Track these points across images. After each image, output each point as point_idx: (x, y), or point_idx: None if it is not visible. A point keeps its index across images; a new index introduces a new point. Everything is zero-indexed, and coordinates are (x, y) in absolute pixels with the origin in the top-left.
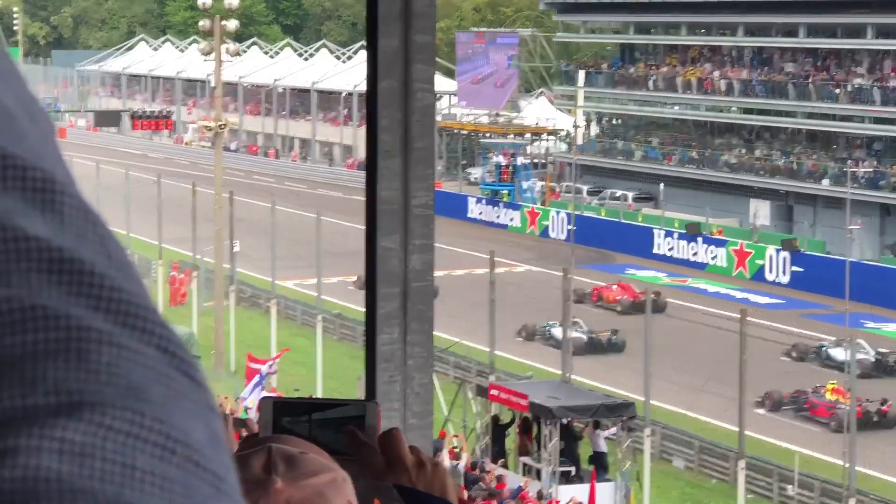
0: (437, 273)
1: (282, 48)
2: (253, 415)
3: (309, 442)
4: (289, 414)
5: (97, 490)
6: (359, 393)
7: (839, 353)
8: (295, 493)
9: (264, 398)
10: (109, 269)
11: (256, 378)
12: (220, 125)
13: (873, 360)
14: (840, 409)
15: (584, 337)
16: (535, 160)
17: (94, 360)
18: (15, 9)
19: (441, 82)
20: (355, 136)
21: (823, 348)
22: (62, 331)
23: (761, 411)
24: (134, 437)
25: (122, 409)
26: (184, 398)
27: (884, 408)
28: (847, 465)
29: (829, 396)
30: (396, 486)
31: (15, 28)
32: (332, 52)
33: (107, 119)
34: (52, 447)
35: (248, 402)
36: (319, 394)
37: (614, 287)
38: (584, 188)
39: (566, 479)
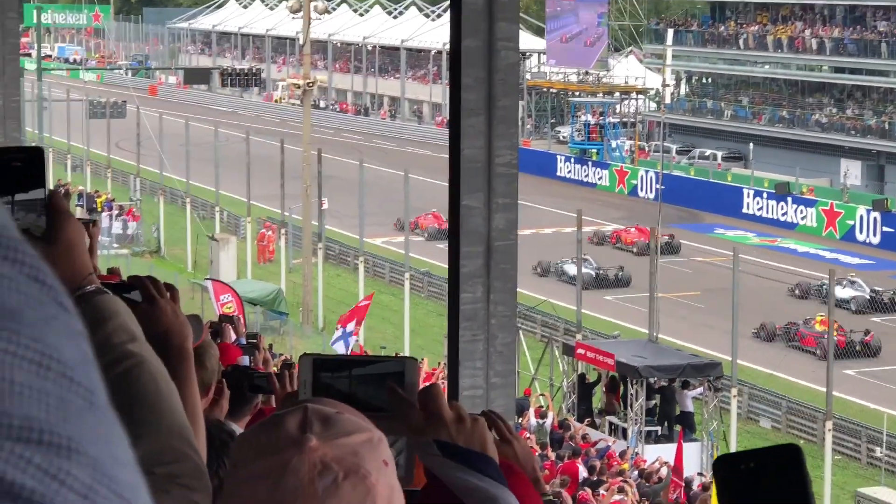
0: (525, 231)
1: (371, 6)
2: None
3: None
4: (329, 370)
5: None
6: (444, 352)
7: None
8: (329, 452)
9: (304, 355)
10: None
11: (339, 332)
12: (308, 83)
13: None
14: None
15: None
16: (624, 119)
17: None
18: None
19: (530, 41)
20: (444, 94)
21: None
22: None
23: (850, 372)
24: (11, 354)
25: (0, 329)
26: (55, 321)
27: None
28: None
29: None
30: (436, 441)
31: None
32: (421, 9)
33: (196, 76)
34: None
35: None
36: (407, 352)
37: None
38: (673, 147)
39: (652, 438)
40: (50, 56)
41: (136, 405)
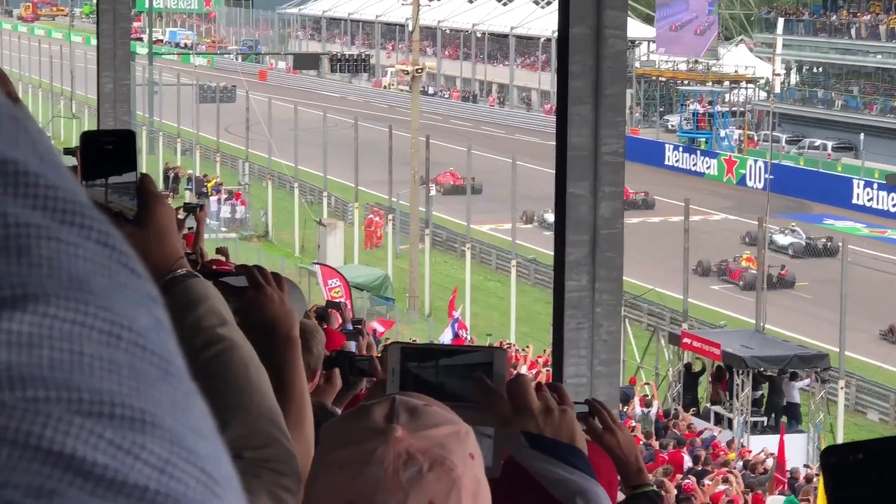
0: (632, 220)
1: None
2: None
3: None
4: (416, 360)
5: (47, 377)
6: (550, 339)
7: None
8: (415, 443)
9: (392, 343)
10: (43, 169)
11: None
12: (417, 69)
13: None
14: None
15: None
16: (734, 108)
17: (35, 255)
18: None
19: (640, 28)
20: (553, 81)
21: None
22: (1, 228)
23: None
24: (80, 324)
25: (67, 299)
26: (125, 287)
27: None
28: None
29: None
30: (524, 432)
31: None
32: None
33: (306, 62)
34: None
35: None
36: (513, 339)
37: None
38: (783, 137)
39: (758, 429)
40: (161, 41)
41: (226, 389)
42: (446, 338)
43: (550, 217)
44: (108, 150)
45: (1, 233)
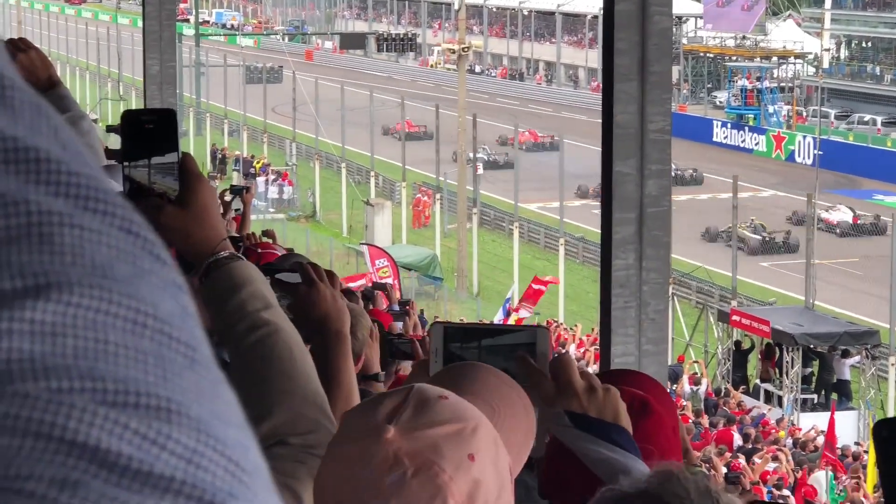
0: (680, 197)
1: None
2: None
3: (482, 373)
4: (459, 340)
5: (71, 366)
6: (598, 318)
7: None
8: (405, 445)
9: (435, 323)
10: (66, 156)
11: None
12: (463, 48)
13: None
14: None
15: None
16: (782, 84)
17: (58, 243)
18: None
19: (687, 5)
20: (600, 59)
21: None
22: (23, 216)
23: None
24: (104, 312)
25: (90, 287)
26: (150, 274)
27: None
28: None
29: None
30: (567, 411)
31: None
32: None
33: (352, 41)
34: (22, 329)
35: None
36: (561, 318)
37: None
38: (832, 112)
39: (808, 406)
40: (207, 22)
41: (270, 373)
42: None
43: None
44: (150, 130)
45: (23, 220)
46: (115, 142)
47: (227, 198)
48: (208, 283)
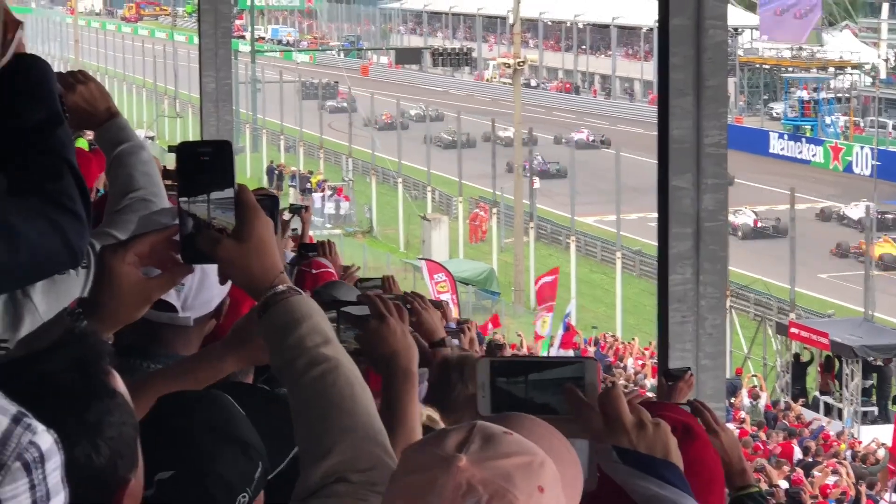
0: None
1: None
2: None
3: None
4: (505, 374)
5: None
6: (656, 331)
7: None
8: (477, 473)
9: (480, 358)
10: None
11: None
12: (519, 62)
13: None
14: None
15: None
16: (839, 94)
17: None
18: None
19: (743, 16)
20: (655, 71)
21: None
22: None
23: None
24: None
25: None
26: None
27: None
28: None
29: None
30: (616, 447)
31: None
32: None
33: (408, 56)
34: None
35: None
36: (619, 332)
37: None
38: (889, 123)
39: (869, 419)
40: (263, 38)
41: (331, 410)
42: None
43: None
44: (205, 162)
45: None
46: (173, 161)
47: (286, 217)
48: (267, 319)
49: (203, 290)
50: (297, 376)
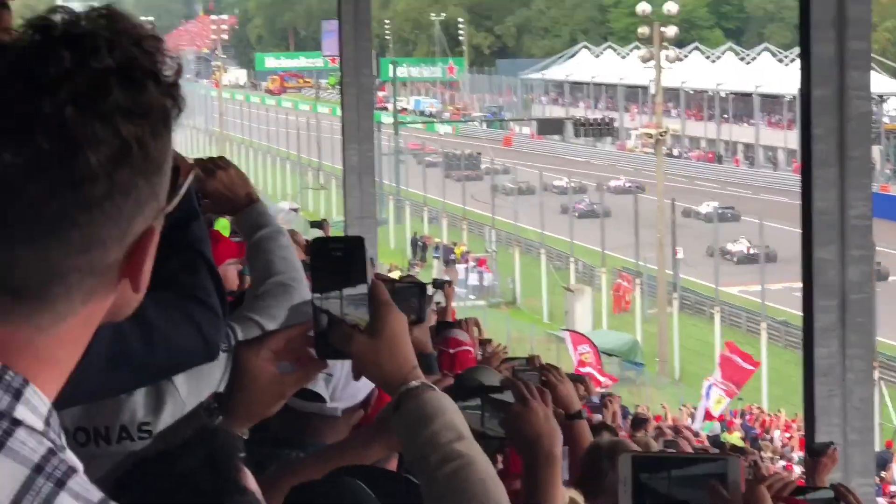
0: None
1: (723, 52)
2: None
3: None
4: (648, 470)
5: None
6: (801, 401)
7: None
8: None
9: (623, 454)
10: None
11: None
12: (661, 132)
13: None
14: None
15: None
16: None
17: None
18: (460, 19)
19: (888, 83)
20: (799, 140)
21: None
22: None
23: None
24: None
25: None
26: None
27: None
28: None
29: None
30: None
31: (460, 38)
32: (774, 55)
33: (549, 126)
34: None
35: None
36: (764, 403)
37: None
38: None
39: None
40: (405, 109)
41: None
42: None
43: None
44: (338, 258)
45: None
46: (314, 234)
47: (430, 291)
48: (400, 414)
49: (351, 382)
50: (431, 471)
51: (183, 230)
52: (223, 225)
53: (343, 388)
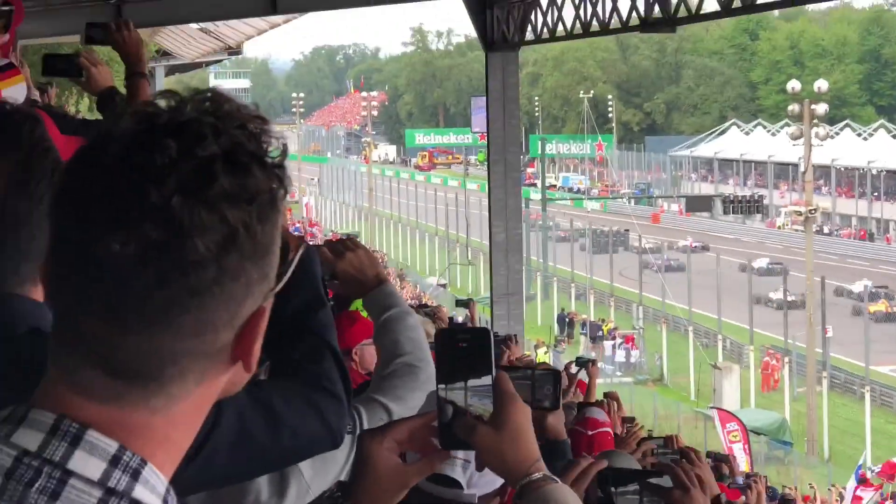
0: None
1: (875, 129)
2: None
3: None
4: None
5: None
6: None
7: None
8: None
9: None
10: None
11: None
12: (810, 209)
13: None
14: None
15: None
16: None
17: None
18: (609, 97)
19: None
20: None
21: None
22: None
23: None
24: None
25: None
26: None
27: None
28: None
29: None
30: None
31: (610, 115)
32: None
33: (698, 203)
34: None
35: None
36: None
37: None
38: None
39: None
40: (554, 186)
41: None
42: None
43: None
44: (463, 349)
45: None
46: (461, 311)
47: (573, 370)
48: None
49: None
50: None
51: (309, 318)
52: (360, 305)
53: (480, 474)
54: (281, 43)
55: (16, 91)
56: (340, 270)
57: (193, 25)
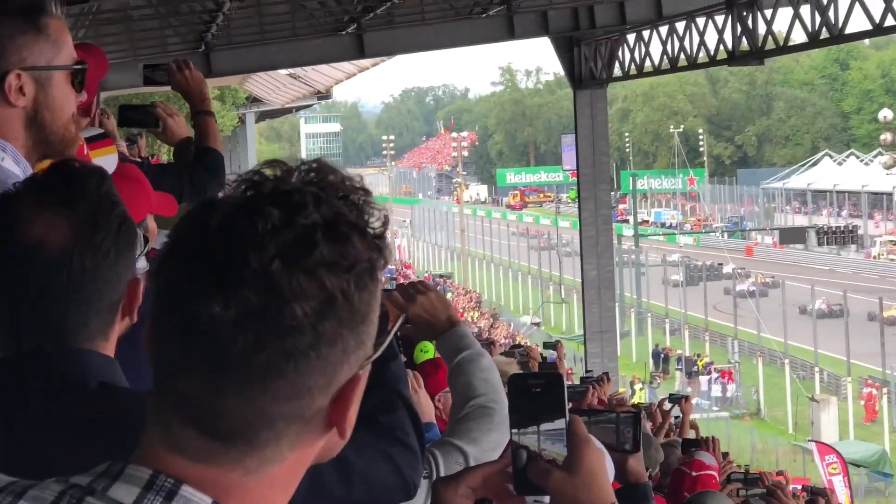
0: None
1: None
2: None
3: None
4: None
5: None
6: None
7: None
8: None
9: None
10: None
11: None
12: None
13: None
14: None
15: None
16: None
17: None
18: (700, 130)
19: None
20: None
21: None
22: None
23: None
24: None
25: None
26: None
27: None
28: None
29: None
30: None
31: (701, 149)
32: None
33: (792, 235)
34: None
35: None
36: None
37: None
38: None
39: None
40: (646, 221)
41: None
42: None
43: None
44: (536, 393)
45: None
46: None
47: (666, 407)
48: None
49: None
50: None
51: (380, 369)
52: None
53: None
54: (370, 86)
55: (106, 161)
56: (412, 314)
57: (283, 71)
